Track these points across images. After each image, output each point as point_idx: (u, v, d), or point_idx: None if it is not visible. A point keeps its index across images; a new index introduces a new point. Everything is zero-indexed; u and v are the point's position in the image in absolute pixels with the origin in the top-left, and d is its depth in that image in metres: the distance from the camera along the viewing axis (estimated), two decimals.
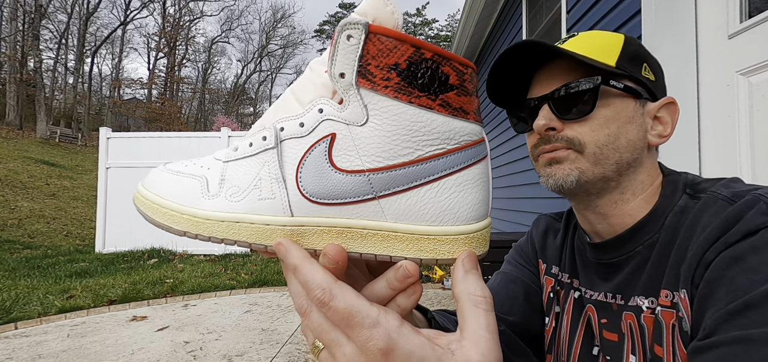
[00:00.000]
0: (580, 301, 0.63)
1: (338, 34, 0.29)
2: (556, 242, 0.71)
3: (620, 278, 0.56)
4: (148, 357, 2.80)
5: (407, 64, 0.28)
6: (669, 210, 0.54)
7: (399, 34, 0.28)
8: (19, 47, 23.78)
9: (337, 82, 0.29)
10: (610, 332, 0.56)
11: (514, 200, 4.68)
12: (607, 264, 0.59)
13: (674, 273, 0.49)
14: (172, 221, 0.33)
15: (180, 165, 0.37)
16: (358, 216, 0.31)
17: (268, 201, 0.31)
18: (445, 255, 0.31)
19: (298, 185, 0.31)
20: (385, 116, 0.29)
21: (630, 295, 0.54)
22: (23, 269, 5.30)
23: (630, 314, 0.53)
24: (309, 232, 0.31)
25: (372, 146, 0.29)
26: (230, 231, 0.32)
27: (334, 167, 0.30)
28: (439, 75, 0.29)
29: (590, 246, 0.62)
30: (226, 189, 0.33)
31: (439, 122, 0.29)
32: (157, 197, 0.35)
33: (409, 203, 0.30)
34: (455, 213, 0.30)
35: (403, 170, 0.30)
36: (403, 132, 0.29)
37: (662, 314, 0.49)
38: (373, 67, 0.29)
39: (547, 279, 0.70)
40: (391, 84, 0.29)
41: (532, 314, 0.69)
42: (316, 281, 0.29)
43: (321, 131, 0.30)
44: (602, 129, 0.56)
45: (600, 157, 0.55)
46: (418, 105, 0.29)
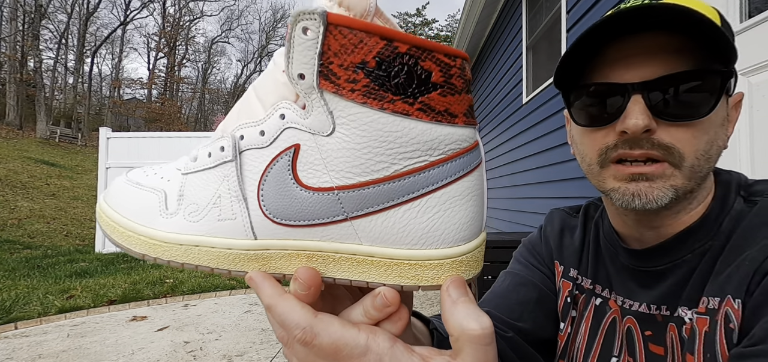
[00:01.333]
0: (602, 308, 0.58)
1: (292, 26, 0.23)
2: (574, 242, 0.65)
3: (665, 287, 0.50)
4: (148, 357, 2.80)
5: (377, 62, 0.23)
6: (724, 215, 0.48)
7: (365, 25, 0.23)
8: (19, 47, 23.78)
9: (297, 85, 0.24)
10: (657, 345, 0.50)
11: (514, 200, 4.68)
12: (650, 272, 0.52)
13: (719, 281, 0.44)
14: (129, 242, 0.30)
15: (141, 175, 0.33)
16: (329, 239, 0.27)
17: (229, 222, 0.28)
18: (428, 282, 0.26)
19: (260, 205, 0.27)
20: (353, 124, 0.24)
21: (675, 306, 0.48)
22: (23, 269, 5.29)
23: (673, 325, 0.48)
24: (275, 256, 0.28)
25: (340, 160, 0.25)
26: (189, 255, 0.28)
27: (299, 184, 0.26)
28: (418, 73, 0.24)
29: (627, 252, 0.55)
30: (185, 207, 0.29)
31: (420, 129, 0.24)
32: (115, 214, 0.31)
33: (385, 224, 0.26)
34: (441, 235, 0.26)
35: (378, 188, 0.25)
36: (375, 144, 0.24)
37: (697, 321, 0.45)
38: (336, 66, 0.23)
39: (564, 282, 0.64)
40: (358, 87, 0.23)
41: (544, 320, 0.63)
42: (294, 319, 0.26)
43: (283, 142, 0.26)
44: (704, 136, 0.45)
45: (696, 170, 0.46)
46: (393, 111, 0.24)
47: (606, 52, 0.48)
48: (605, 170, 0.50)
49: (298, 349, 0.27)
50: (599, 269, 0.60)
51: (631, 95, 0.45)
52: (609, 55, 0.48)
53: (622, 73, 0.47)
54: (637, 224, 0.53)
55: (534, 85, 4.01)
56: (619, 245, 0.57)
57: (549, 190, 3.59)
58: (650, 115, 0.45)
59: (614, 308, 0.56)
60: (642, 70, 0.45)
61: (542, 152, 3.70)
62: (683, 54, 0.44)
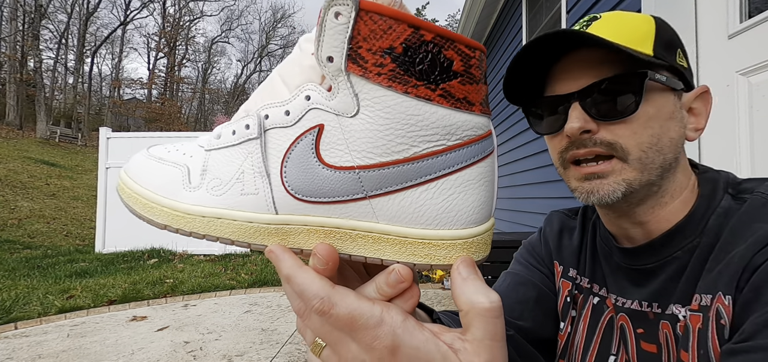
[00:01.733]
0: (599, 307, 0.59)
1: (325, 11, 0.25)
2: (573, 242, 0.67)
3: (656, 285, 0.52)
4: (148, 357, 2.80)
5: (404, 48, 0.24)
6: (711, 212, 0.50)
7: (395, 12, 0.24)
8: (19, 47, 23.79)
9: (325, 67, 0.26)
10: (649, 343, 0.52)
11: (514, 200, 4.68)
12: (641, 270, 0.55)
13: (711, 278, 0.46)
14: (152, 213, 0.31)
15: (163, 150, 0.34)
16: (347, 216, 0.28)
17: (251, 197, 0.29)
18: (440, 261, 0.28)
19: (283, 181, 0.28)
20: (377, 107, 0.25)
21: (667, 303, 0.50)
22: (23, 269, 5.30)
23: (666, 323, 0.50)
24: (294, 231, 0.29)
25: (363, 141, 0.26)
26: (211, 227, 0.29)
27: (322, 163, 0.27)
28: (441, 60, 0.25)
29: (620, 251, 0.57)
30: (208, 181, 0.30)
31: (440, 115, 0.26)
32: (138, 186, 0.32)
33: (402, 204, 0.27)
34: (454, 216, 0.27)
35: (397, 168, 0.26)
36: (397, 126, 0.25)
37: (690, 319, 0.46)
38: (364, 50, 0.25)
39: (563, 282, 0.66)
40: (384, 71, 0.25)
41: (543, 319, 0.65)
42: (313, 290, 0.27)
43: (308, 121, 0.27)
44: (645, 130, 0.49)
45: (645, 162, 0.50)
46: (416, 96, 0.25)
47: (553, 69, 0.55)
48: (567, 172, 0.55)
49: (315, 320, 0.28)
50: (596, 269, 0.62)
51: (571, 103, 0.51)
52: (555, 71, 0.55)
53: (565, 85, 0.53)
54: (617, 220, 0.56)
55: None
56: (612, 244, 0.59)
57: (549, 190, 3.59)
58: (588, 117, 0.50)
59: (610, 306, 0.58)
60: (579, 81, 0.51)
61: (542, 152, 3.70)
62: (607, 64, 0.50)
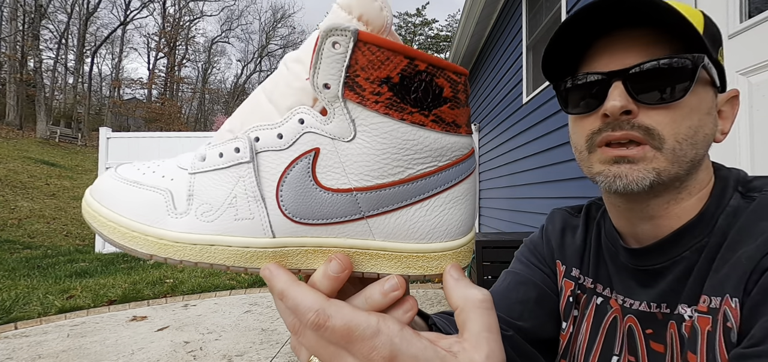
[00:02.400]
0: (603, 307, 0.58)
1: (322, 40, 0.25)
2: (576, 241, 0.65)
3: (664, 285, 0.51)
4: (148, 357, 2.80)
5: (400, 78, 0.26)
6: (720, 211, 0.49)
7: (392, 44, 0.26)
8: (19, 47, 23.79)
9: (321, 93, 0.26)
10: (657, 343, 0.51)
11: (513, 200, 4.68)
12: (649, 271, 0.53)
13: (718, 278, 0.45)
14: (134, 242, 0.29)
15: (135, 172, 0.32)
16: (345, 236, 0.29)
17: (246, 222, 0.29)
18: (432, 271, 0.30)
19: (279, 205, 0.28)
20: (374, 132, 0.26)
21: (675, 304, 0.49)
22: (23, 269, 5.30)
23: (673, 323, 0.49)
24: (292, 253, 0.29)
25: (360, 164, 0.27)
26: (204, 254, 0.29)
27: (319, 186, 0.28)
28: (433, 88, 0.27)
29: (626, 251, 0.56)
30: (196, 207, 0.29)
31: (432, 139, 0.27)
32: (113, 214, 0.30)
33: (398, 222, 0.29)
34: (444, 230, 0.30)
35: (393, 190, 0.28)
36: (393, 150, 0.27)
37: (698, 320, 0.45)
38: (362, 79, 0.26)
39: (566, 282, 0.64)
40: (382, 99, 0.26)
41: (544, 318, 0.63)
42: (307, 304, 0.27)
43: (303, 145, 0.28)
44: (684, 121, 0.47)
45: (678, 154, 0.48)
46: (411, 122, 0.27)
47: (594, 46, 0.52)
48: (593, 155, 0.52)
49: (309, 336, 0.28)
50: (600, 269, 0.61)
51: (612, 82, 0.49)
52: (596, 48, 0.52)
53: (606, 63, 0.50)
54: (629, 215, 0.54)
55: (534, 85, 4.02)
56: (619, 244, 0.58)
57: (549, 190, 3.59)
58: (629, 98, 0.48)
59: (615, 307, 0.57)
60: (623, 60, 0.49)
61: (542, 152, 3.70)
62: (659, 44, 0.48)
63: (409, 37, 33.54)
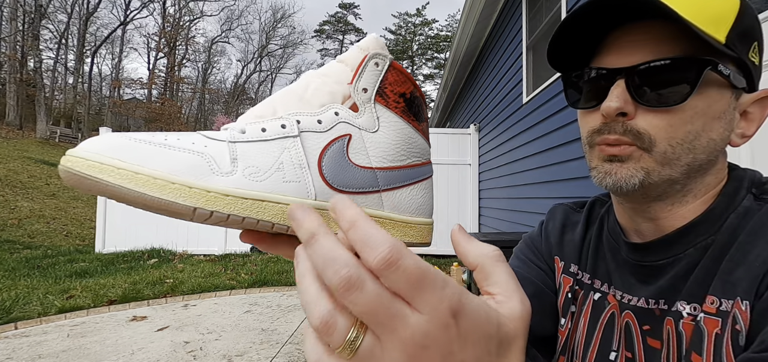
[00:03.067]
0: (600, 303, 0.58)
1: (368, 59, 0.37)
2: (575, 237, 0.65)
3: (664, 282, 0.51)
4: (148, 357, 2.80)
5: (410, 95, 0.38)
6: (730, 211, 0.48)
7: (408, 74, 0.39)
8: (19, 47, 23.80)
9: (358, 94, 0.37)
10: (654, 339, 0.51)
11: (514, 200, 4.68)
12: (649, 267, 0.53)
13: (727, 280, 0.44)
14: (177, 195, 0.29)
15: (159, 137, 0.32)
16: (362, 205, 0.36)
17: (294, 184, 0.34)
18: (413, 239, 0.38)
19: (321, 172, 0.35)
20: (392, 128, 0.37)
21: (674, 300, 0.49)
22: (23, 269, 5.30)
23: (670, 319, 0.48)
24: (325, 214, 0.34)
25: (380, 149, 0.37)
26: (255, 209, 0.32)
27: (351, 162, 0.36)
28: (422, 109, 0.40)
29: (628, 246, 0.56)
30: (243, 168, 0.33)
31: (420, 141, 0.39)
32: (144, 168, 0.29)
33: (400, 197, 0.38)
34: (425, 208, 0.40)
35: (400, 172, 0.38)
36: (402, 143, 0.38)
37: (705, 321, 0.44)
38: (389, 90, 0.37)
39: (564, 278, 0.64)
40: (399, 107, 0.38)
41: (542, 316, 0.63)
42: (380, 238, 0.24)
43: (337, 130, 0.36)
44: (683, 125, 0.45)
45: (670, 157, 0.46)
46: (412, 126, 0.39)
47: (606, 39, 0.50)
48: (593, 150, 0.52)
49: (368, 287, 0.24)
50: (599, 264, 0.61)
51: (615, 79, 0.47)
52: (607, 41, 0.50)
53: (614, 58, 0.49)
54: (632, 213, 0.54)
55: (534, 85, 4.02)
56: (621, 239, 0.57)
57: (549, 190, 3.59)
58: (628, 99, 0.46)
59: (613, 302, 0.57)
60: (630, 57, 0.47)
61: (542, 152, 3.70)
62: (669, 42, 0.45)
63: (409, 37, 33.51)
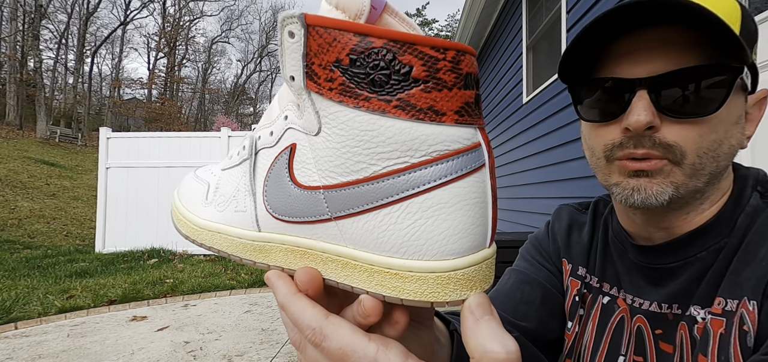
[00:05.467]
0: (609, 307, 0.57)
1: (280, 31, 0.24)
2: (582, 239, 0.63)
3: (676, 285, 0.49)
4: (148, 357, 2.80)
5: (350, 59, 0.22)
6: (739, 211, 0.47)
7: (338, 23, 0.23)
8: (19, 47, 23.80)
9: (291, 87, 0.25)
10: (667, 343, 0.49)
11: (514, 200, 4.68)
12: (660, 270, 0.51)
13: (734, 280, 0.43)
14: (181, 225, 0.36)
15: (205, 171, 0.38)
16: (317, 238, 0.27)
17: (241, 214, 0.31)
18: (411, 296, 0.24)
19: (264, 200, 0.29)
20: (333, 123, 0.24)
21: (687, 304, 0.47)
22: (23, 269, 5.30)
23: (684, 324, 0.47)
24: (275, 249, 0.30)
25: (326, 160, 0.25)
26: (214, 240, 0.32)
27: (293, 182, 0.27)
28: (396, 68, 0.22)
29: (636, 248, 0.54)
30: (217, 198, 0.33)
31: (396, 128, 0.23)
32: (178, 203, 0.37)
33: (366, 227, 0.25)
34: (423, 245, 0.24)
35: (358, 189, 0.24)
36: (353, 143, 0.23)
37: (711, 322, 0.44)
38: (316, 66, 0.23)
39: (572, 281, 0.63)
40: (334, 85, 0.23)
41: (548, 319, 0.62)
42: (306, 320, 0.26)
43: (285, 141, 0.27)
44: (710, 134, 0.43)
45: (698, 168, 0.44)
46: (368, 109, 0.23)
47: (613, 47, 0.47)
48: (611, 165, 0.49)
49: (310, 352, 0.27)
50: (607, 268, 0.59)
51: (636, 91, 0.44)
52: (616, 49, 0.47)
53: (628, 68, 0.46)
54: (645, 224, 0.52)
55: (534, 85, 4.01)
56: (628, 242, 0.56)
57: (549, 190, 3.58)
58: (654, 111, 0.44)
59: (622, 306, 0.55)
60: (648, 66, 0.44)
61: (542, 152, 3.70)
62: (691, 48, 0.43)
63: None
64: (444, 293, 0.24)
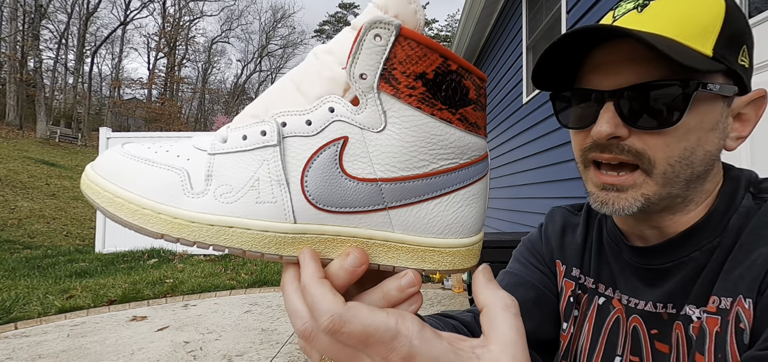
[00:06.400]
0: (605, 307, 0.58)
1: (365, 31, 0.26)
2: (576, 240, 0.64)
3: (671, 285, 0.50)
4: (148, 357, 2.80)
5: (434, 75, 0.27)
6: (731, 212, 0.48)
7: (430, 42, 0.27)
8: (19, 47, 23.79)
9: (356, 83, 0.27)
10: (662, 343, 0.50)
11: (513, 200, 4.68)
12: (655, 270, 0.52)
13: (729, 279, 0.44)
14: (145, 220, 0.29)
15: (147, 151, 0.31)
16: (365, 226, 0.29)
17: (268, 205, 0.28)
18: (446, 266, 0.30)
19: (304, 190, 0.28)
20: (405, 125, 0.27)
21: (682, 304, 0.48)
22: (23, 269, 5.30)
23: (679, 323, 0.48)
24: (310, 240, 0.29)
25: (387, 155, 0.28)
26: (221, 237, 0.28)
27: (345, 174, 0.28)
28: (462, 88, 0.28)
29: (631, 249, 0.55)
30: (215, 188, 0.29)
31: (457, 136, 0.29)
32: (122, 190, 0.29)
33: (418, 215, 0.29)
34: (460, 227, 0.30)
35: (417, 183, 0.29)
36: (421, 144, 0.28)
37: (707, 321, 0.45)
38: (398, 72, 0.27)
39: (566, 282, 0.63)
40: (415, 93, 0.27)
41: (542, 320, 0.63)
42: (324, 307, 0.26)
43: (331, 133, 0.28)
44: (679, 143, 0.45)
45: (670, 177, 0.46)
46: (440, 118, 0.28)
47: (588, 59, 0.50)
48: (587, 171, 0.52)
49: (323, 339, 0.27)
50: (602, 268, 0.60)
51: (604, 102, 0.47)
52: (590, 61, 0.50)
53: (600, 79, 0.48)
54: (635, 223, 0.54)
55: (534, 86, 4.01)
56: (622, 242, 0.57)
57: (549, 190, 3.59)
58: (620, 122, 0.46)
59: (618, 307, 0.56)
60: (616, 78, 0.47)
61: (542, 152, 3.70)
62: (653, 63, 0.44)
63: None
64: (466, 262, 0.31)
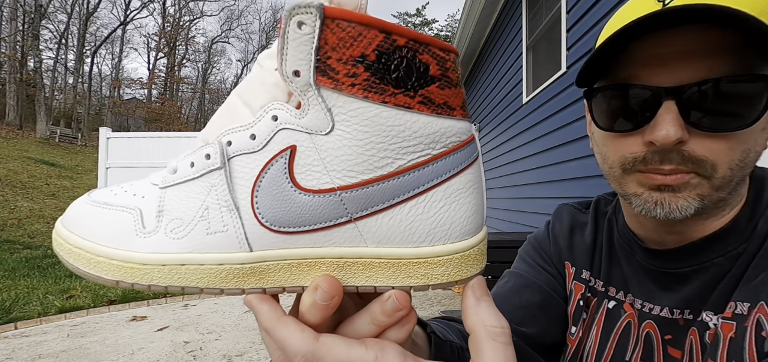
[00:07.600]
0: (615, 311, 0.55)
1: (286, 21, 0.23)
2: (585, 240, 0.61)
3: (689, 291, 0.47)
4: (148, 357, 2.80)
5: (377, 56, 0.23)
6: (758, 215, 0.45)
7: (363, 17, 0.23)
8: (19, 47, 23.80)
9: (291, 83, 0.24)
10: (675, 348, 0.47)
11: (514, 200, 4.68)
12: (672, 274, 0.49)
13: (750, 285, 0.42)
14: (100, 268, 0.27)
15: (109, 194, 0.30)
16: (332, 244, 0.26)
17: (220, 235, 0.26)
18: (438, 279, 0.26)
19: (255, 213, 0.25)
20: (354, 120, 0.23)
21: (699, 310, 0.46)
22: (23, 269, 5.29)
23: (695, 330, 0.45)
24: (273, 268, 0.26)
25: (342, 159, 0.24)
26: (174, 276, 0.26)
27: (298, 187, 0.25)
28: (417, 65, 0.23)
29: (646, 251, 0.52)
30: (166, 223, 0.27)
31: (422, 122, 0.24)
32: (79, 239, 0.28)
33: (392, 223, 0.25)
34: (447, 230, 0.26)
35: (382, 185, 0.24)
36: (378, 139, 0.24)
37: (722, 327, 0.42)
38: (334, 61, 0.23)
39: (576, 285, 0.60)
40: (358, 81, 0.23)
41: (548, 323, 0.59)
42: (295, 346, 0.25)
43: (277, 144, 0.25)
44: (740, 146, 0.40)
45: (728, 180, 0.41)
46: (395, 105, 0.23)
47: (635, 50, 0.43)
48: (629, 176, 0.46)
49: None
50: (613, 270, 0.57)
51: (662, 101, 0.40)
52: (639, 53, 0.43)
53: (653, 74, 0.42)
54: (657, 229, 0.50)
55: (534, 85, 4.01)
56: (635, 243, 0.54)
57: (549, 190, 3.59)
58: (683, 124, 0.40)
59: (629, 311, 0.54)
60: (676, 73, 0.40)
61: (542, 152, 3.70)
62: (724, 55, 0.39)
63: None
64: (464, 270, 0.26)
